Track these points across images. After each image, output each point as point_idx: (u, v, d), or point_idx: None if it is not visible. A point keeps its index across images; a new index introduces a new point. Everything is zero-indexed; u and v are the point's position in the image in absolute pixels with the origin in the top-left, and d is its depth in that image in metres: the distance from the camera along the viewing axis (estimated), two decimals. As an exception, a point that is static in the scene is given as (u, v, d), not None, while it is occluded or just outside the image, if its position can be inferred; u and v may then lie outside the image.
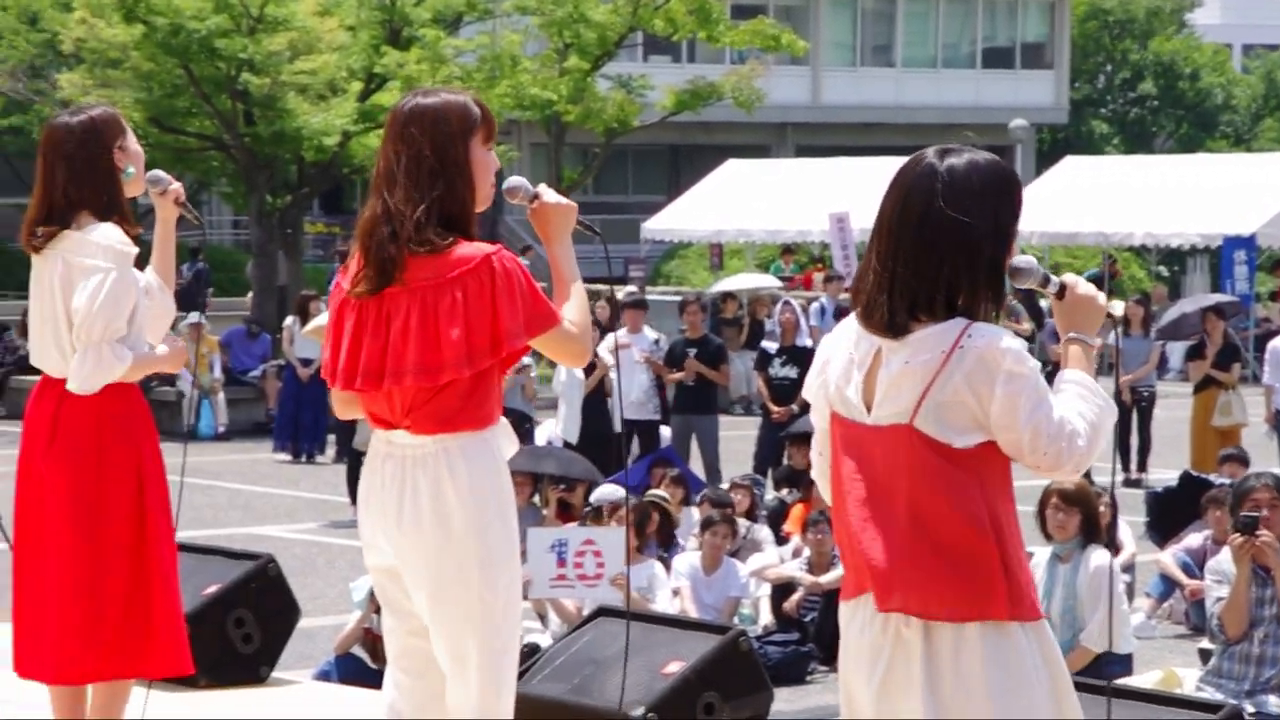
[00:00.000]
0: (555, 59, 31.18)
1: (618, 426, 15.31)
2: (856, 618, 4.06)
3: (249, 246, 35.45)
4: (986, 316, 3.97)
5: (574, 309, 4.78)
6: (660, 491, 13.30)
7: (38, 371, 5.90)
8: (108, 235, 5.77)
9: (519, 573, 4.86)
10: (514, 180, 4.91)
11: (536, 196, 4.90)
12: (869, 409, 4.01)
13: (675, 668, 7.69)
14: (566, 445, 16.15)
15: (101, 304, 5.70)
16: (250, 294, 30.45)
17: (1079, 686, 4.20)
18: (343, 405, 4.90)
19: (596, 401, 16.62)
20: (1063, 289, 4.12)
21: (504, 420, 4.87)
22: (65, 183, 5.81)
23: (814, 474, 4.26)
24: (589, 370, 16.30)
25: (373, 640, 9.88)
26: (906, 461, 3.96)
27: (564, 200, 4.92)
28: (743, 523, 13.25)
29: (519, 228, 39.47)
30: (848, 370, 4.06)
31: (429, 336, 4.67)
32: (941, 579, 3.93)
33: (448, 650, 4.78)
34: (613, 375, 16.32)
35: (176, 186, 6.05)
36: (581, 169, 36.08)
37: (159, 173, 6.01)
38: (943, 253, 3.96)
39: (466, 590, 4.73)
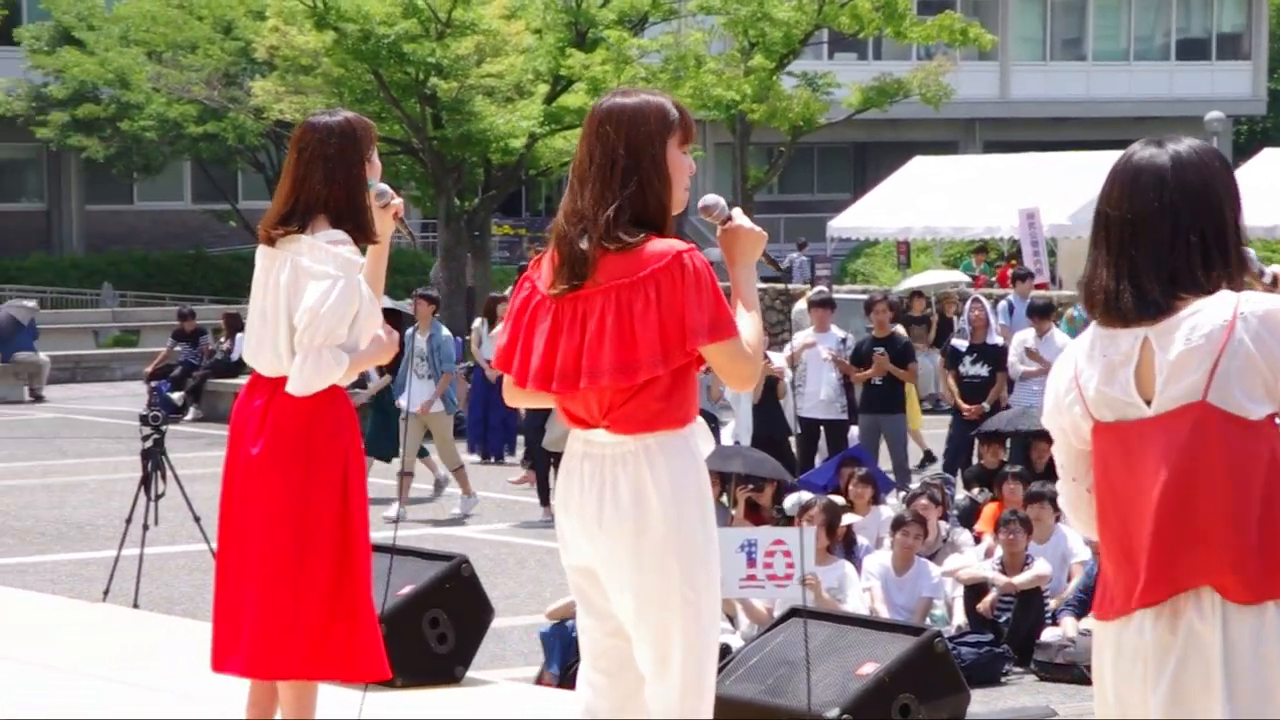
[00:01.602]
0: (740, 58, 31.14)
1: (795, 429, 15.24)
2: (1130, 628, 3.93)
3: (437, 249, 35.84)
4: (1244, 283, 3.94)
5: (751, 332, 4.76)
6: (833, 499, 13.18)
7: (234, 374, 5.97)
8: (338, 243, 5.81)
9: (718, 572, 4.82)
10: (711, 198, 4.91)
11: (730, 218, 4.89)
12: (1148, 402, 3.93)
13: (870, 669, 7.63)
14: (742, 447, 16.11)
15: (327, 311, 5.74)
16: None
17: None
18: (512, 396, 4.88)
19: (768, 406, 16.52)
20: (1275, 280, 4.12)
21: (701, 419, 4.85)
22: (317, 182, 5.83)
23: (1062, 504, 4.17)
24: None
25: None
26: (1199, 440, 3.87)
27: (756, 226, 4.91)
28: (942, 524, 13.13)
29: (702, 226, 39.48)
30: (1110, 373, 3.96)
31: (624, 335, 4.66)
32: (1243, 556, 3.82)
33: (650, 651, 4.75)
34: (786, 379, 16.27)
35: (398, 202, 6.09)
36: (766, 168, 35.99)
37: (384, 186, 6.05)
38: (1189, 225, 3.91)
39: (668, 590, 4.71)
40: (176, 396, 24.88)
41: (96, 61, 40.13)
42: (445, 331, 17.79)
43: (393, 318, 14.02)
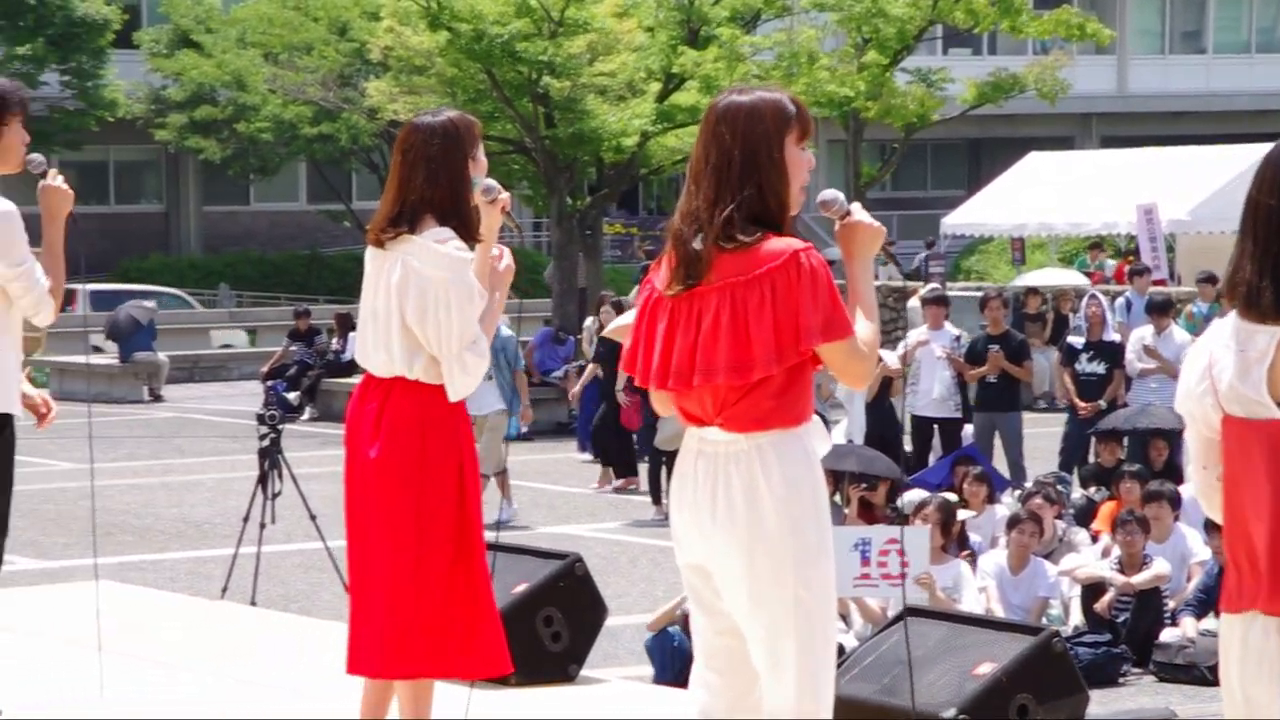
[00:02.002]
0: (853, 54, 31.00)
1: (907, 427, 15.13)
2: (1255, 627, 3.89)
3: (549, 248, 35.93)
4: None
5: (867, 329, 4.73)
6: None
7: (348, 374, 6.00)
8: (446, 242, 5.82)
9: (834, 571, 4.79)
10: (829, 193, 4.89)
11: (849, 213, 4.85)
12: (1279, 403, 3.87)
13: (987, 669, 7.56)
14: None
15: (452, 315, 5.76)
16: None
17: None
18: (661, 402, 4.89)
19: (881, 404, 16.43)
20: None
21: (817, 418, 4.82)
22: (423, 184, 5.85)
23: (1194, 491, 4.11)
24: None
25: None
26: None
27: (875, 221, 4.88)
28: (1059, 523, 13.01)
29: (815, 224, 39.35)
30: (1244, 370, 3.90)
31: (739, 334, 4.65)
32: None
33: (764, 652, 4.73)
34: (898, 377, 16.18)
35: (505, 197, 6.10)
36: (880, 165, 35.83)
37: (491, 182, 6.05)
38: None
39: (781, 590, 4.68)
40: (292, 396, 25.09)
41: (214, 64, 40.55)
42: (506, 330, 16.84)
43: None
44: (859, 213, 4.88)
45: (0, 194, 6.51)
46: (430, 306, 5.76)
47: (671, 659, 10.33)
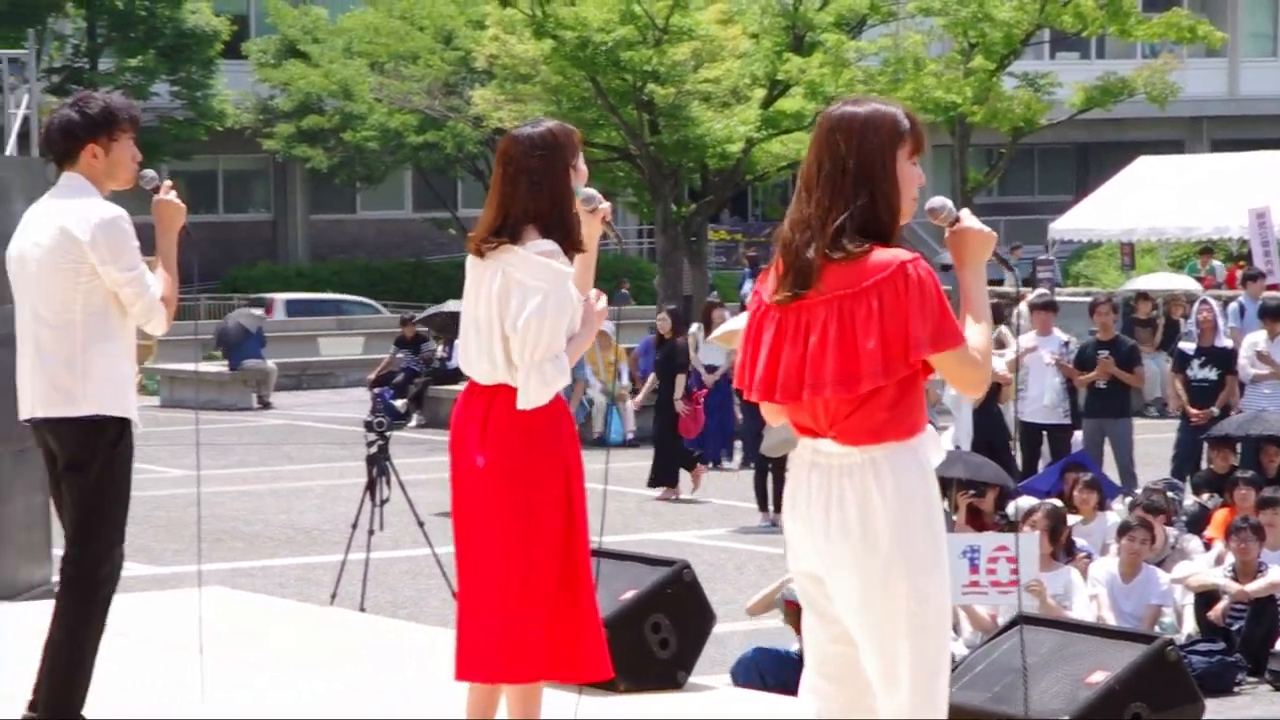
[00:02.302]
0: (960, 59, 30.82)
1: (1014, 433, 14.99)
2: None
3: (654, 255, 35.94)
4: None
5: (979, 336, 4.71)
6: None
7: (454, 381, 6.02)
8: (547, 255, 5.83)
9: (948, 583, 4.76)
10: (938, 200, 4.87)
11: (958, 219, 4.82)
12: None
13: (1100, 677, 7.48)
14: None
15: (543, 326, 5.77)
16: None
17: None
18: (771, 412, 4.88)
19: (989, 411, 16.29)
20: None
21: (931, 429, 4.79)
22: (524, 195, 5.87)
23: None
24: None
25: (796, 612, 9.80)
26: None
27: (985, 227, 4.85)
28: (1170, 531, 12.86)
29: (922, 231, 39.16)
30: None
31: (846, 346, 4.64)
32: None
33: (877, 662, 4.71)
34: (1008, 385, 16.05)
35: (606, 206, 6.11)
36: (986, 170, 35.60)
37: (592, 191, 6.07)
38: None
39: (894, 602, 4.67)
40: (399, 403, 25.22)
41: (321, 73, 40.88)
42: None
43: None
44: (968, 219, 4.86)
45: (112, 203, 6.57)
46: (525, 315, 5.77)
47: (757, 675, 10.22)
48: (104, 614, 6.43)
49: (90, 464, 6.36)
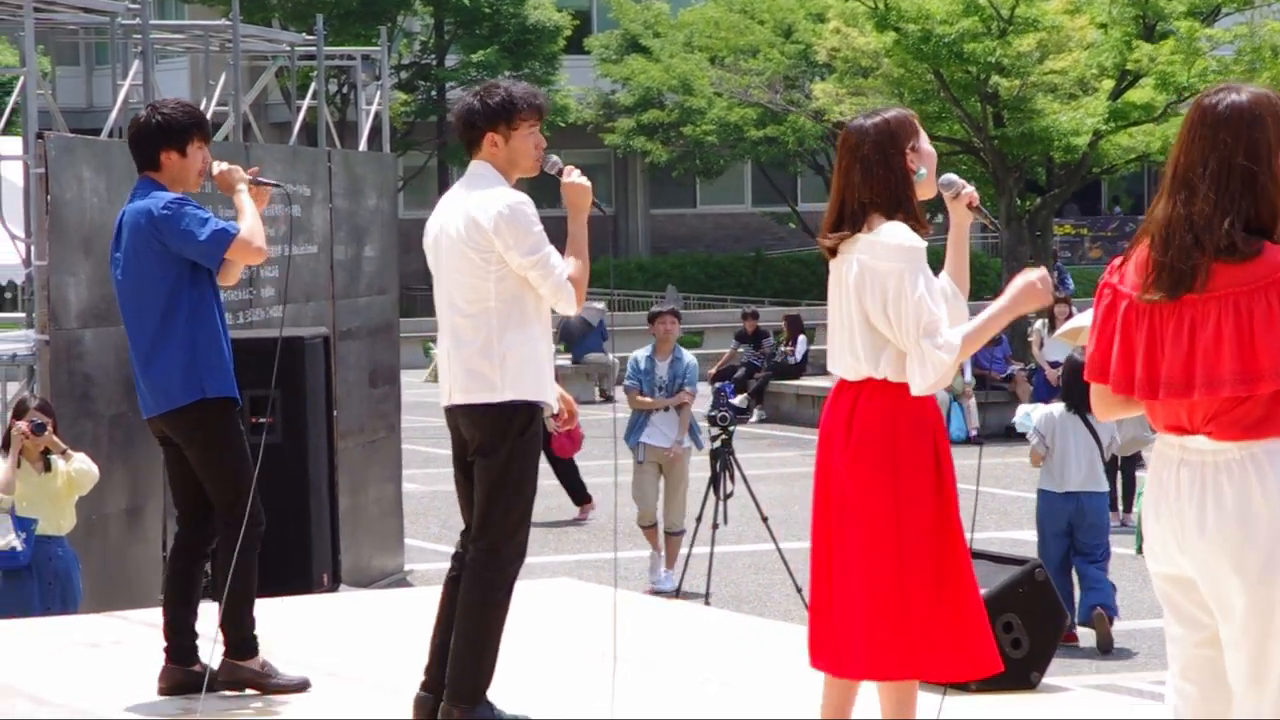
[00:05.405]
0: (1320, 47, 29.78)
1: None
2: None
3: (996, 250, 35.46)
4: None
5: None
6: None
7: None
8: (896, 233, 5.78)
9: None
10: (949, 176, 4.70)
11: None
12: None
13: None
14: None
15: (908, 306, 5.71)
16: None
17: None
18: (1105, 407, 4.78)
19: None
20: None
21: None
22: (859, 184, 5.84)
23: None
24: None
25: None
26: None
27: None
28: None
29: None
30: None
31: (1244, 345, 4.54)
32: None
33: (1245, 663, 4.58)
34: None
35: (970, 190, 6.01)
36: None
37: (953, 176, 5.98)
38: None
39: (1271, 603, 4.54)
40: (738, 399, 25.28)
41: (661, 68, 41.22)
42: (690, 358, 15.29)
43: None
44: None
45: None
46: (887, 299, 5.70)
47: None
48: (508, 597, 6.49)
49: (499, 449, 6.43)
